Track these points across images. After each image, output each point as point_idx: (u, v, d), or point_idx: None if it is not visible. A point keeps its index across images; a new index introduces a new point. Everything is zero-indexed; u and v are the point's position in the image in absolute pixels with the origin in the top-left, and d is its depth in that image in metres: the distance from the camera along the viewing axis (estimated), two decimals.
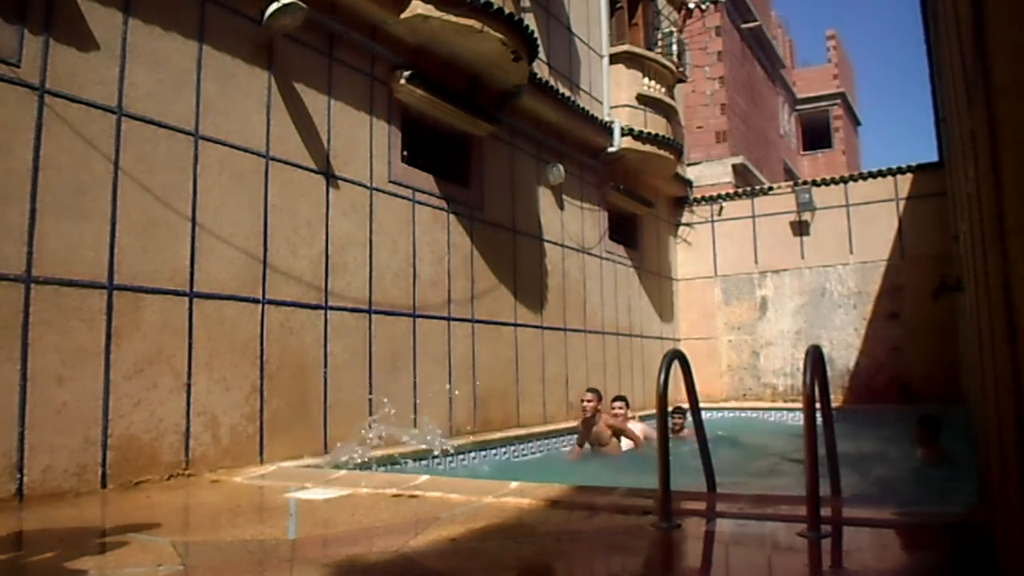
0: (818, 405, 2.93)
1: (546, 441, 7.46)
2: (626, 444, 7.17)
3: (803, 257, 12.07)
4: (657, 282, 12.17)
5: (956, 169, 5.17)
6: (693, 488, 3.86)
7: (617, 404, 7.52)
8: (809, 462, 2.70)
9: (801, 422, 3.00)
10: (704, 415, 3.87)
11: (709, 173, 15.38)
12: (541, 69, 8.71)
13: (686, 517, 3.02)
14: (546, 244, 8.79)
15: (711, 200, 12.97)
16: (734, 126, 17.21)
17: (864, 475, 6.26)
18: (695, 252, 12.99)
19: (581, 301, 9.59)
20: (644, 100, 10.72)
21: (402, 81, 6.41)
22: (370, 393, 5.92)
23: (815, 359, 2.86)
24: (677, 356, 3.30)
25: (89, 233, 4.06)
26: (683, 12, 13.14)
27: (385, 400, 5.94)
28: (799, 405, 9.54)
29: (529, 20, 8.31)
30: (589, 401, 7.09)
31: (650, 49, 11.19)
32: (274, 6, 4.98)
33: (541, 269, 8.66)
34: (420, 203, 6.74)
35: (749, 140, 18.28)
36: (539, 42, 7.86)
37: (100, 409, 4.02)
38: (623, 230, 11.16)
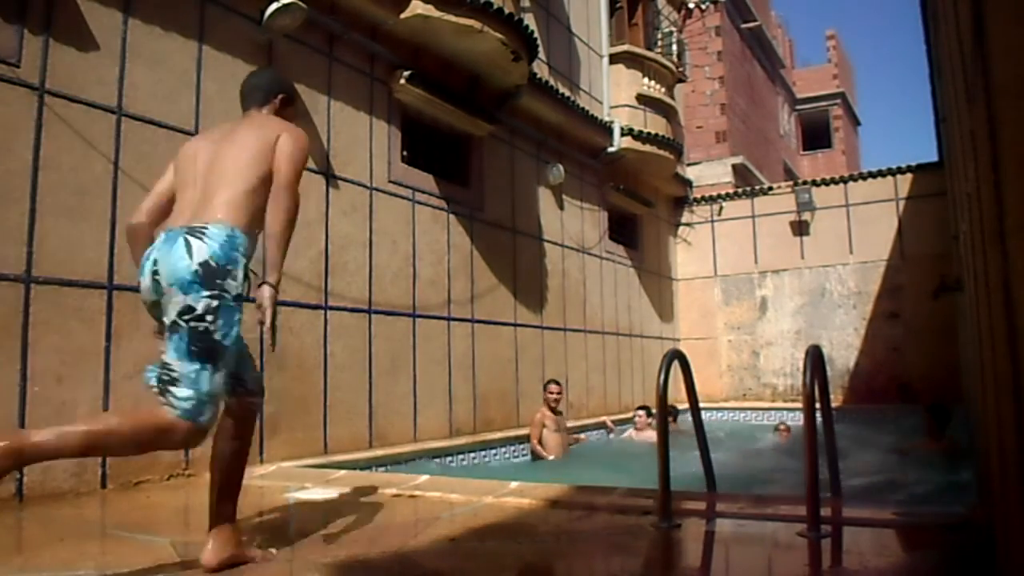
0: (818, 405, 2.93)
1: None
2: (554, 442, 7.19)
3: (803, 257, 12.06)
4: (657, 282, 12.17)
5: (956, 169, 5.17)
6: (693, 488, 3.86)
7: (555, 387, 7.38)
8: (809, 462, 2.70)
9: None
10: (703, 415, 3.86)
11: (709, 173, 15.37)
12: (541, 69, 8.71)
13: (686, 517, 3.02)
14: (546, 244, 8.79)
15: (711, 200, 12.96)
16: (734, 126, 17.21)
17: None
18: (695, 252, 12.99)
19: (581, 301, 9.59)
20: (644, 100, 10.72)
21: (402, 81, 6.41)
22: (370, 393, 5.92)
23: (815, 359, 2.86)
24: (677, 356, 3.30)
25: (89, 233, 4.06)
26: (683, 12, 13.14)
27: None
28: (799, 405, 9.54)
29: (529, 20, 8.31)
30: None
31: (650, 49, 11.19)
32: (274, 6, 4.98)
33: (541, 269, 8.66)
34: (420, 203, 6.74)
35: (749, 140, 18.28)
36: (539, 42, 7.86)
37: (100, 409, 4.02)
38: (623, 230, 11.16)
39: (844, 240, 11.76)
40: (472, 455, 6.49)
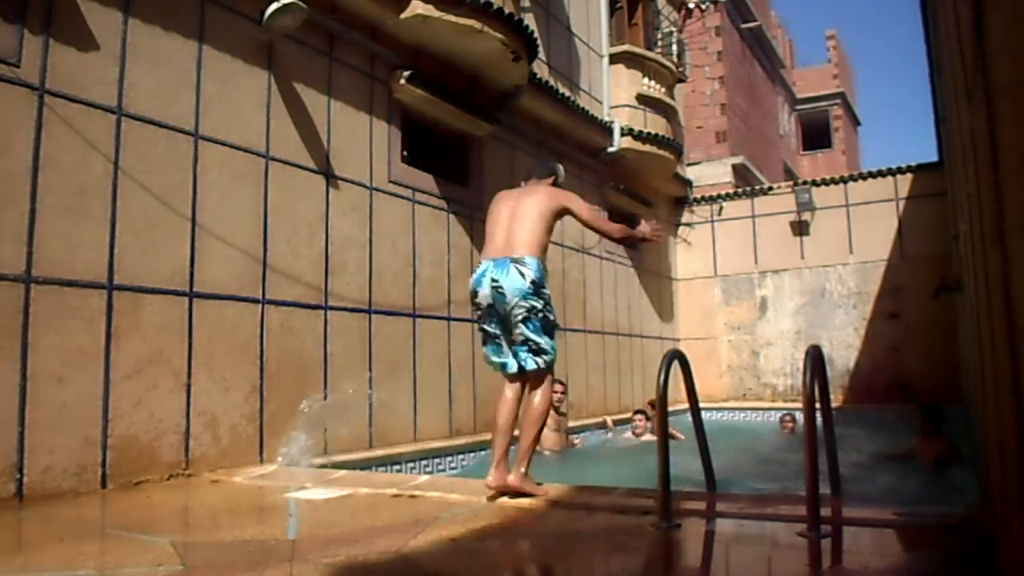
0: (818, 405, 2.93)
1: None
2: (551, 439, 7.22)
3: (803, 257, 12.06)
4: (657, 282, 12.17)
5: (956, 169, 5.17)
6: (693, 488, 3.87)
7: (558, 387, 7.39)
8: (809, 462, 2.70)
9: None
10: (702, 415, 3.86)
11: (709, 173, 15.37)
12: (541, 69, 8.71)
13: (686, 517, 3.02)
14: None
15: (711, 200, 12.96)
16: (734, 126, 17.21)
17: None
18: (695, 252, 12.99)
19: (581, 301, 9.59)
20: (644, 100, 10.72)
21: (402, 81, 6.41)
22: (370, 393, 5.92)
23: (815, 359, 2.86)
24: (677, 356, 3.30)
25: (89, 233, 4.06)
26: (683, 12, 13.14)
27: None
28: (799, 405, 9.54)
29: (529, 20, 8.31)
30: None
31: (650, 49, 11.19)
32: (274, 6, 4.98)
33: None
34: (420, 203, 6.73)
35: (749, 140, 18.28)
36: (539, 42, 7.86)
37: (100, 409, 4.02)
38: None
39: (844, 240, 11.76)
40: (472, 455, 6.48)
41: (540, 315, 3.58)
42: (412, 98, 6.60)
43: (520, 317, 3.55)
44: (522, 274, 3.54)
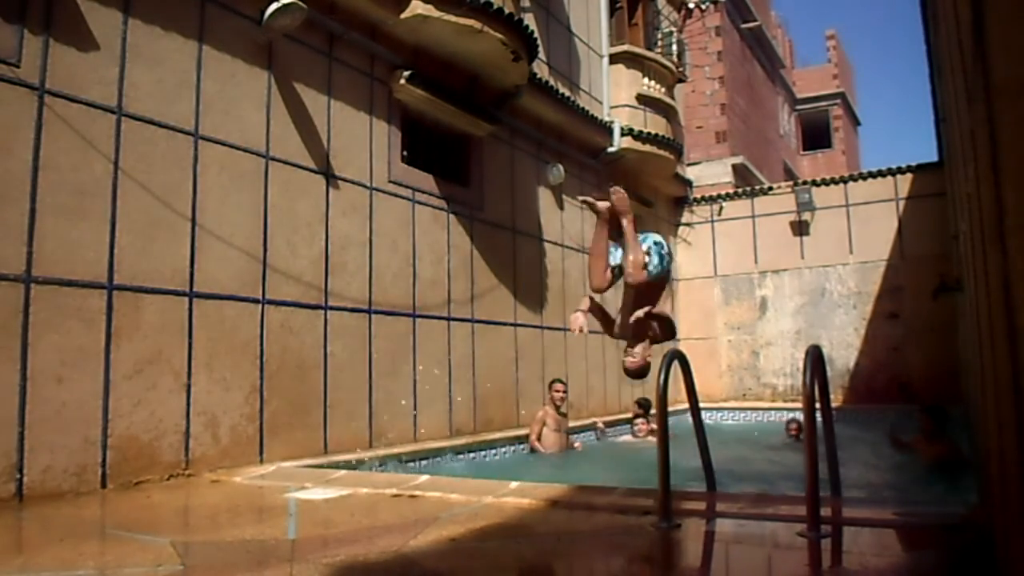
0: (818, 405, 2.93)
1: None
2: (552, 440, 7.19)
3: (803, 257, 12.06)
4: None
5: (956, 169, 5.17)
6: (693, 488, 3.86)
7: (560, 386, 7.35)
8: (809, 462, 2.70)
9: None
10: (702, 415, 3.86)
11: (709, 173, 15.36)
12: (541, 69, 8.70)
13: (686, 517, 3.02)
14: (546, 244, 8.79)
15: (711, 200, 12.96)
16: (734, 126, 17.20)
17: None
18: (695, 252, 12.98)
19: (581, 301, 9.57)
20: (644, 100, 10.72)
21: (402, 81, 6.41)
22: (370, 393, 5.92)
23: (815, 359, 2.86)
24: (677, 356, 3.30)
25: (89, 233, 4.06)
26: (683, 12, 13.14)
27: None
28: (799, 405, 9.54)
29: (529, 20, 8.31)
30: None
31: (650, 49, 11.19)
32: (274, 6, 4.98)
33: (541, 269, 8.66)
34: (420, 203, 6.74)
35: (749, 140, 18.27)
36: (539, 42, 7.86)
37: (100, 409, 4.02)
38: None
39: (844, 240, 11.76)
40: (472, 455, 6.48)
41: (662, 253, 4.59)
42: (412, 98, 6.60)
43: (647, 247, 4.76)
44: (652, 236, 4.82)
